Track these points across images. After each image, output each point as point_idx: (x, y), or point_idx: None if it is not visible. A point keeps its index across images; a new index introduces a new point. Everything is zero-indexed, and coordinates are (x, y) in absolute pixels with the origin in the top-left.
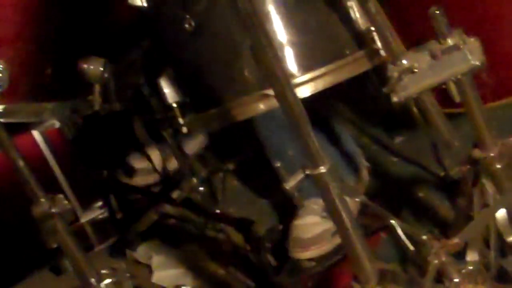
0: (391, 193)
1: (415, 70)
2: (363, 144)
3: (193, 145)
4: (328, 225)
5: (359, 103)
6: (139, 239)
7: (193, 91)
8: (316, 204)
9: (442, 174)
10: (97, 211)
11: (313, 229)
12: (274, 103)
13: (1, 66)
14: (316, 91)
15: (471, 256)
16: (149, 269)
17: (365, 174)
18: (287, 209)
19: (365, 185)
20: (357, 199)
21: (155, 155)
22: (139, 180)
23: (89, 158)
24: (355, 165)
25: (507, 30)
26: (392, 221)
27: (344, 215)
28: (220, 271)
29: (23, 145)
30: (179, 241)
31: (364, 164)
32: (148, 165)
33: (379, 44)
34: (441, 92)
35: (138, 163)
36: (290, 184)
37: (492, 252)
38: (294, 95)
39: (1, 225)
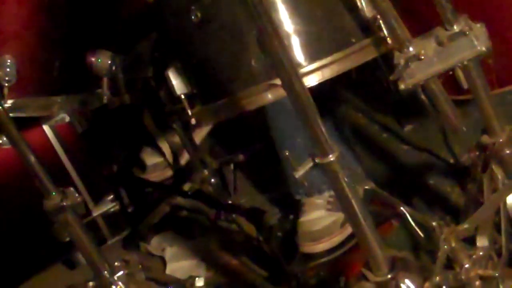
0: (402, 181)
1: (422, 57)
2: (373, 133)
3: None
4: (335, 217)
5: (369, 92)
6: (152, 232)
7: (201, 82)
8: (319, 199)
9: (452, 161)
10: (109, 204)
11: (321, 222)
12: (282, 92)
13: (9, 60)
14: (323, 79)
15: (481, 242)
16: (162, 261)
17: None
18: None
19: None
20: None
21: (165, 147)
22: (152, 176)
23: (99, 151)
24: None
25: None
26: (402, 209)
27: (354, 203)
28: (233, 262)
29: (34, 140)
30: (192, 232)
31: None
32: (161, 160)
33: (385, 31)
34: (448, 79)
35: (151, 159)
36: (299, 173)
37: (503, 237)
38: (302, 84)
39: (14, 220)
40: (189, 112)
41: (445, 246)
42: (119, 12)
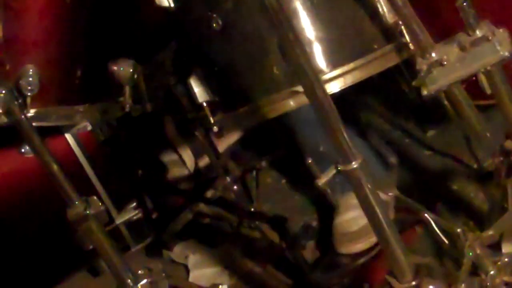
0: (425, 187)
1: (444, 62)
2: (395, 138)
3: (224, 144)
4: None
5: (391, 97)
6: (175, 239)
7: (223, 89)
8: (353, 198)
9: (475, 166)
10: (132, 212)
11: (357, 222)
12: (304, 99)
13: (31, 70)
14: (346, 86)
15: (507, 248)
16: (185, 268)
17: (394, 170)
18: (322, 206)
19: (394, 181)
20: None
21: (187, 155)
22: (175, 172)
23: (122, 159)
24: (384, 160)
25: None
26: (426, 215)
27: (378, 210)
28: (256, 269)
29: (56, 148)
30: (215, 240)
31: (393, 159)
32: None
33: (407, 37)
34: (471, 84)
35: (171, 156)
36: (322, 180)
37: None
38: (324, 91)
39: (39, 228)
40: (211, 120)
41: (470, 253)
42: (140, 20)
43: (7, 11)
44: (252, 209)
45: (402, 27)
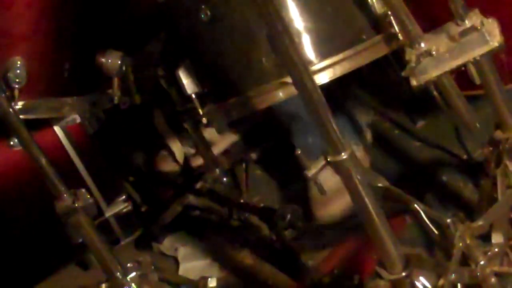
0: (415, 178)
1: (434, 53)
2: (385, 129)
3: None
4: None
5: (380, 88)
6: (164, 232)
7: (212, 81)
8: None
9: (465, 156)
10: (121, 205)
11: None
12: (293, 90)
13: (19, 62)
14: (335, 77)
15: (497, 238)
16: (175, 261)
17: (368, 136)
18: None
19: (368, 148)
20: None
21: (176, 147)
22: (164, 166)
23: (111, 151)
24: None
25: None
26: (416, 206)
27: (367, 201)
28: (246, 261)
29: (45, 141)
30: (204, 232)
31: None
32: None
33: (396, 28)
34: (460, 74)
35: (161, 151)
36: (311, 172)
37: None
38: (313, 82)
39: (27, 221)
40: (200, 112)
41: (460, 244)
42: (128, 12)
43: None
44: (242, 201)
45: (391, 17)
